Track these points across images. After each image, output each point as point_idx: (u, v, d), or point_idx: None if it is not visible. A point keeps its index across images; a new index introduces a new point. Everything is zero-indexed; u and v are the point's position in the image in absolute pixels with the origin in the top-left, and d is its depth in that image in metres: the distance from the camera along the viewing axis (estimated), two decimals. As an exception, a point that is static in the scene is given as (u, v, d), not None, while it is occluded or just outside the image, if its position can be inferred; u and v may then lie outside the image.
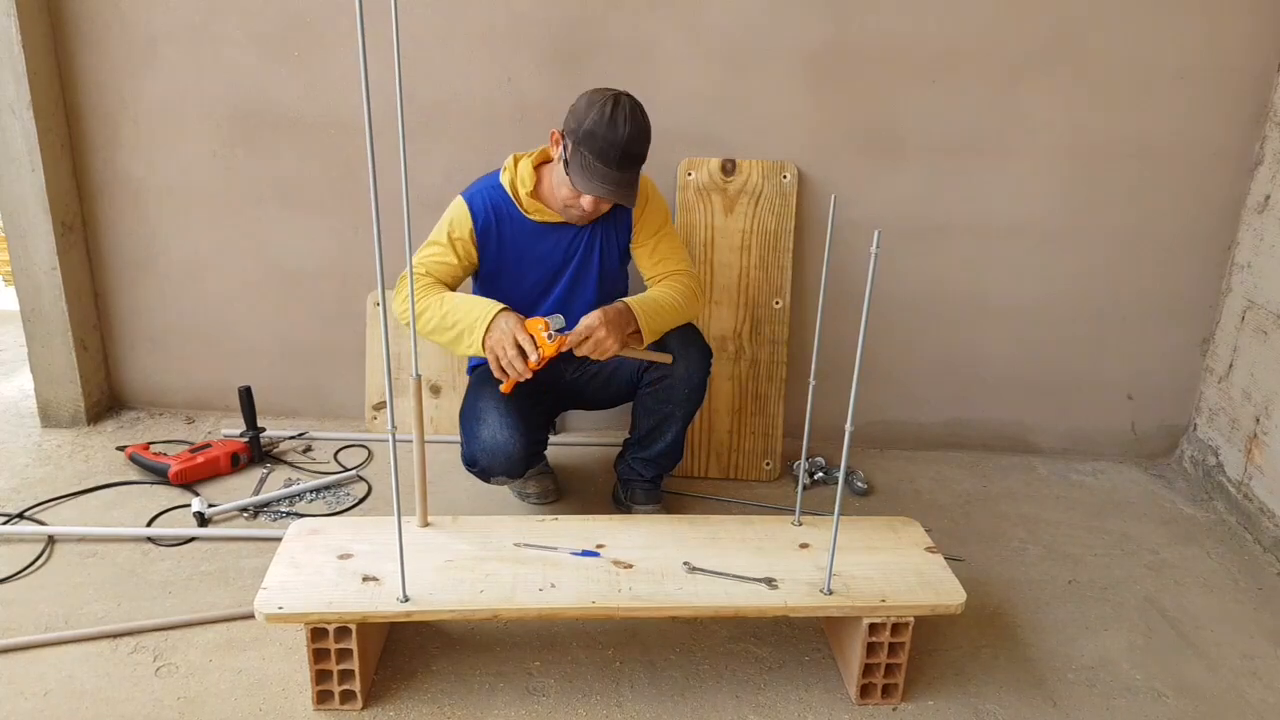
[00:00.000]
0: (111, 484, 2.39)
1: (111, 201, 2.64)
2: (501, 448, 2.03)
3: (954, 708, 1.73)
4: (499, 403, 2.07)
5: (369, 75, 1.31)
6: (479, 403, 2.11)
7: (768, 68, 2.48)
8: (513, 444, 2.03)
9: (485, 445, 2.04)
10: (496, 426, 2.04)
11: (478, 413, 2.09)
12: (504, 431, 2.04)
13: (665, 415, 2.16)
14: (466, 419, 2.14)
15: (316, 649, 1.59)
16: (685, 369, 2.10)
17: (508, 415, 2.06)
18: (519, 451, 2.05)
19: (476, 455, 2.07)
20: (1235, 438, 2.57)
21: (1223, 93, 2.49)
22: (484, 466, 2.08)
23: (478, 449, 2.06)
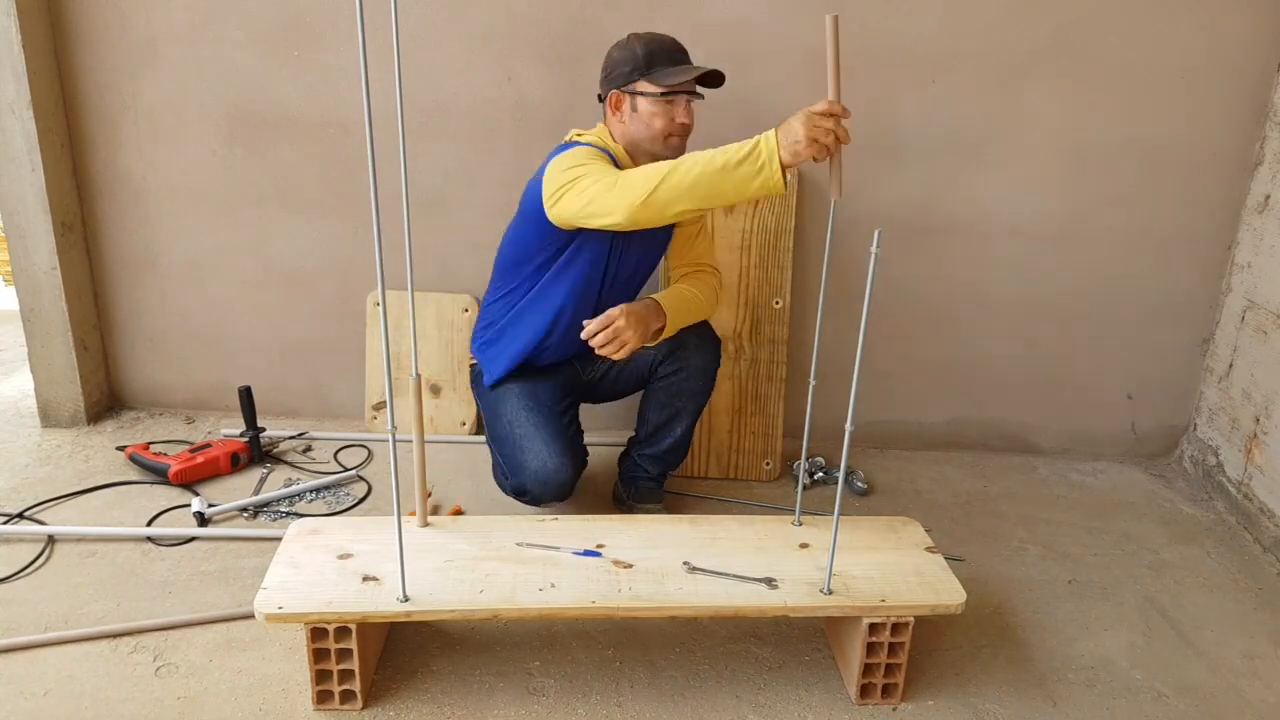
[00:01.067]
0: (111, 484, 2.39)
1: (111, 201, 2.64)
2: (554, 476, 1.99)
3: (954, 708, 1.73)
4: (539, 428, 2.03)
5: (369, 75, 1.31)
6: (516, 430, 2.05)
7: (767, 67, 2.48)
8: (565, 471, 2.00)
9: (537, 475, 2.00)
10: (545, 455, 2.00)
11: (517, 442, 2.04)
12: (554, 459, 1.99)
13: (677, 410, 2.16)
14: (505, 447, 2.08)
15: (316, 649, 1.59)
16: (700, 360, 2.11)
17: (554, 441, 2.01)
18: (571, 477, 2.02)
19: (527, 486, 2.02)
20: (1235, 438, 2.57)
21: (1223, 93, 2.49)
22: (535, 495, 2.03)
23: (528, 480, 2.01)
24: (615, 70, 1.98)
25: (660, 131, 1.97)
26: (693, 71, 1.96)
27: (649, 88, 1.94)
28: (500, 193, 2.60)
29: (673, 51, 1.98)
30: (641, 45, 1.96)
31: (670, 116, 1.96)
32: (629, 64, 1.96)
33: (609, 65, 2.01)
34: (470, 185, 2.60)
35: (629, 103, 1.98)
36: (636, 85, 1.96)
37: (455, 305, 2.68)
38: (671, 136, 1.98)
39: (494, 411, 2.14)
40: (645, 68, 1.94)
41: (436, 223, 2.60)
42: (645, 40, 1.97)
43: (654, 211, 1.72)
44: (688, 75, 1.95)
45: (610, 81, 2.00)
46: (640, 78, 1.95)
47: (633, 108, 1.97)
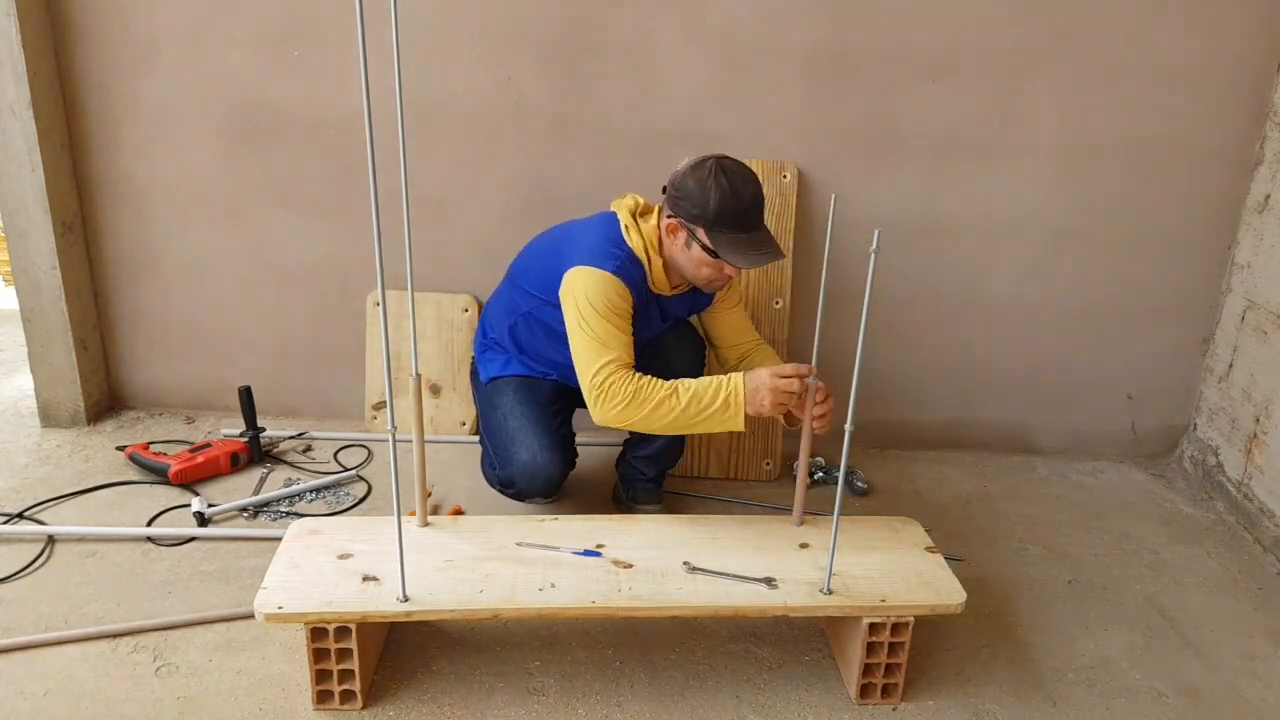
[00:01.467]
0: (111, 484, 2.39)
1: (112, 201, 2.64)
2: (542, 470, 2.02)
3: (954, 708, 1.73)
4: (533, 422, 2.05)
5: (369, 75, 1.31)
6: (509, 422, 2.07)
7: (768, 67, 2.48)
8: (553, 466, 2.02)
9: (525, 468, 2.02)
10: (535, 449, 2.02)
11: (510, 434, 2.06)
12: (544, 454, 2.02)
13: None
14: (497, 438, 2.10)
15: (316, 649, 1.59)
16: (681, 363, 2.11)
17: (545, 436, 2.04)
18: (559, 474, 2.05)
19: (514, 478, 2.05)
20: (1235, 438, 2.57)
21: (1223, 93, 2.49)
22: (521, 489, 2.06)
23: (516, 472, 2.04)
24: (684, 202, 1.87)
25: (704, 278, 1.95)
26: (755, 258, 1.87)
27: (707, 243, 1.87)
28: (500, 193, 2.60)
29: (745, 214, 1.86)
30: (716, 195, 1.82)
31: (720, 270, 1.92)
32: (698, 210, 1.84)
33: (679, 190, 1.87)
34: (470, 185, 2.60)
35: (684, 237, 1.90)
36: (697, 231, 1.87)
37: (455, 305, 2.68)
38: (714, 283, 1.97)
39: (490, 403, 2.16)
40: (711, 224, 1.84)
41: (436, 223, 2.60)
42: (722, 190, 1.83)
43: (625, 426, 1.85)
44: (747, 262, 1.87)
45: (675, 207, 1.89)
46: (703, 227, 1.86)
47: (686, 244, 1.91)
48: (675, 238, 1.92)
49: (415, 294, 2.61)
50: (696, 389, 1.79)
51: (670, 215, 1.91)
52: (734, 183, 1.84)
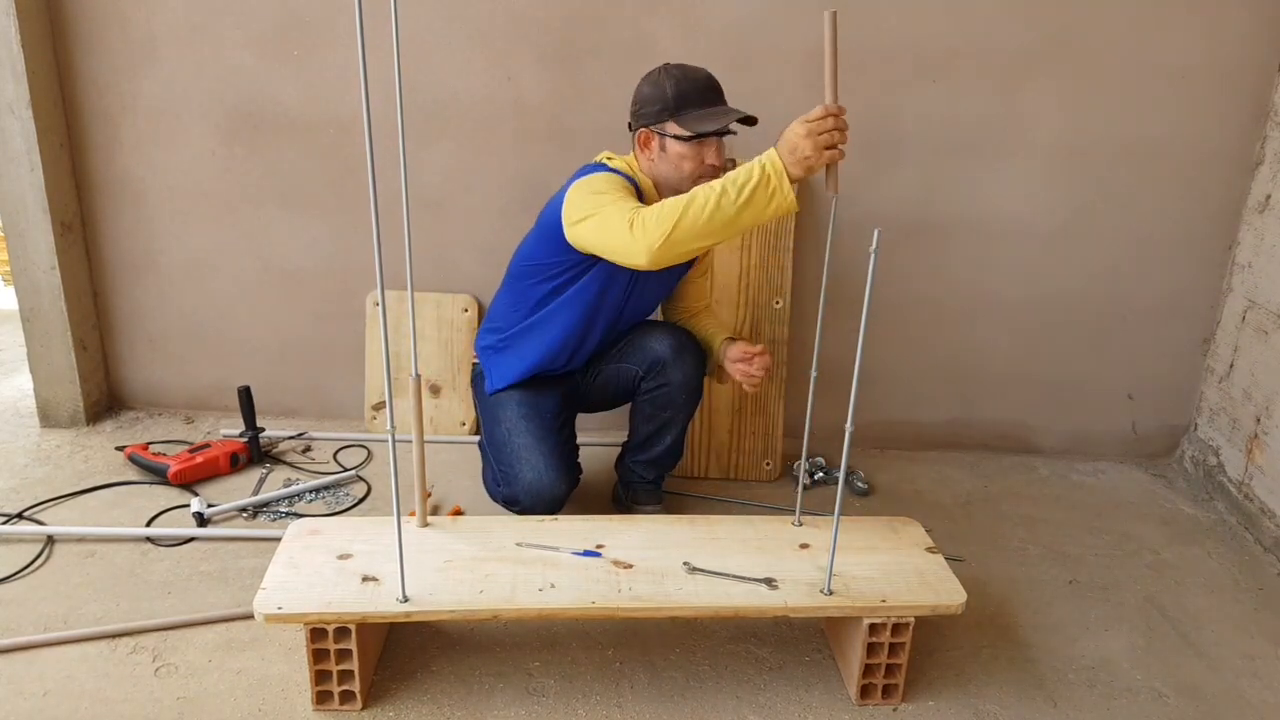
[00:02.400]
0: (111, 484, 2.39)
1: (111, 201, 2.64)
2: (547, 491, 2.00)
3: (954, 708, 1.73)
4: (539, 440, 2.03)
5: (368, 75, 1.31)
6: (515, 439, 2.05)
7: (767, 67, 2.48)
8: (559, 488, 2.01)
9: (530, 488, 2.00)
10: (542, 468, 2.00)
11: (515, 451, 2.04)
12: (550, 474, 2.00)
13: (665, 421, 2.17)
14: (502, 455, 2.07)
15: (316, 649, 1.58)
16: (682, 374, 2.10)
17: (551, 455, 2.02)
18: (564, 493, 2.03)
19: (519, 497, 2.02)
20: (1236, 438, 2.57)
21: (1223, 93, 2.49)
22: (526, 507, 2.03)
23: (521, 492, 2.01)
24: (644, 108, 1.91)
25: (689, 174, 1.93)
26: (723, 119, 1.89)
27: (678, 130, 1.89)
28: (500, 193, 2.60)
29: (704, 91, 1.90)
30: (672, 84, 1.88)
31: (700, 159, 1.92)
32: (658, 103, 1.88)
33: (638, 101, 1.94)
34: (470, 185, 2.60)
35: (658, 142, 1.92)
36: (666, 126, 1.89)
37: (455, 305, 2.68)
38: (701, 177, 1.94)
39: (493, 416, 2.13)
40: (675, 109, 1.87)
41: (436, 223, 2.60)
42: (675, 79, 1.89)
43: (674, 251, 1.70)
44: (719, 123, 1.89)
45: (639, 118, 1.94)
46: (669, 119, 1.89)
47: (661, 148, 1.92)
48: (649, 149, 1.95)
49: (415, 294, 2.61)
50: (726, 178, 1.67)
51: (639, 129, 1.94)
52: (685, 70, 1.92)
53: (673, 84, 1.89)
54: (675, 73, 1.90)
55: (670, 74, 1.90)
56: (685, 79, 1.90)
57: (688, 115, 1.89)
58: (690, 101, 1.89)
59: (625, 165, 1.99)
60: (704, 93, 1.91)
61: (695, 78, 1.91)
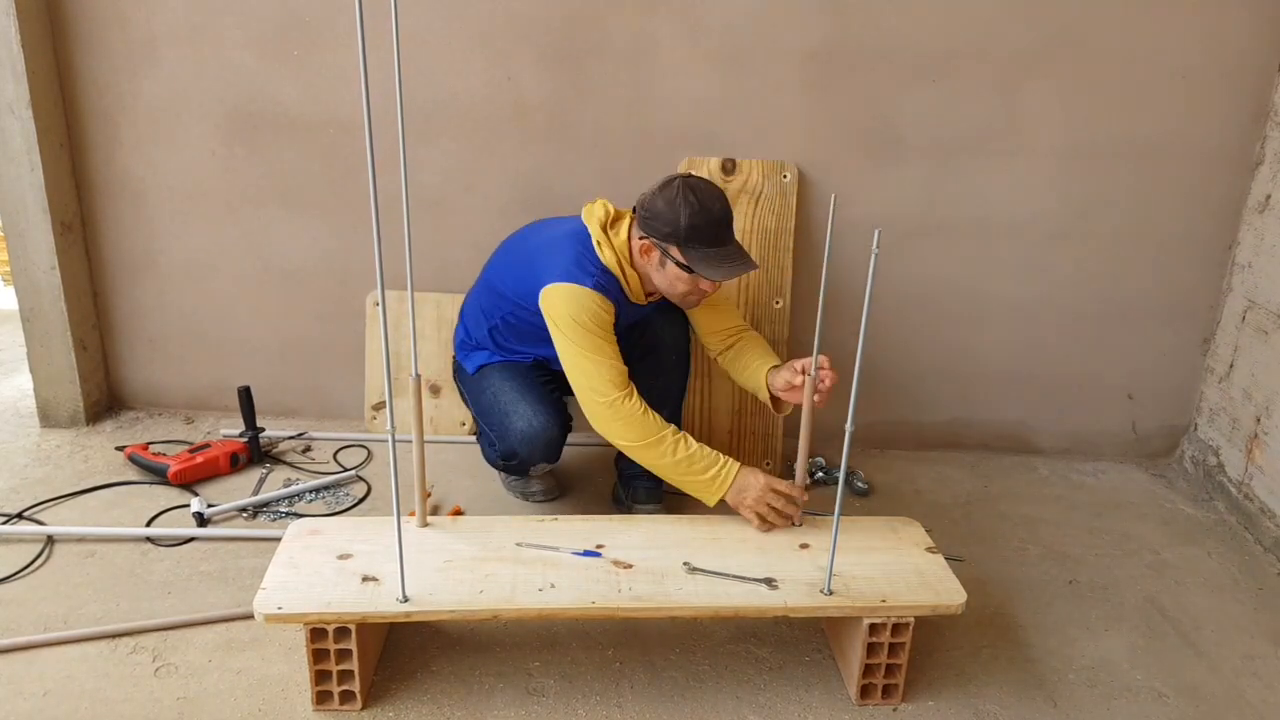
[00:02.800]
0: (111, 484, 2.39)
1: (111, 201, 2.64)
2: (541, 433, 2.06)
3: (954, 708, 1.73)
4: (523, 392, 2.11)
5: (368, 75, 1.31)
6: (501, 398, 2.12)
7: (767, 67, 2.48)
8: (551, 428, 2.08)
9: (524, 434, 2.06)
10: (531, 415, 2.07)
11: (503, 408, 2.11)
12: (539, 418, 2.07)
13: (660, 390, 2.14)
14: (491, 417, 2.15)
15: (316, 649, 1.58)
16: (671, 336, 2.15)
17: (538, 402, 2.09)
18: (558, 434, 2.10)
19: (515, 447, 2.09)
20: (1236, 438, 2.57)
21: (1223, 93, 2.49)
22: (524, 456, 2.10)
23: (516, 441, 2.08)
24: (654, 221, 1.90)
25: (680, 293, 1.97)
26: (729, 270, 1.90)
27: (682, 260, 1.90)
28: (500, 193, 2.60)
29: (716, 227, 1.89)
30: (686, 214, 1.86)
31: (695, 286, 1.94)
32: (669, 226, 1.87)
33: (650, 211, 1.90)
34: (470, 185, 2.60)
35: (659, 256, 1.93)
36: (670, 249, 1.90)
37: (455, 305, 2.67)
38: (690, 296, 1.99)
39: (478, 388, 2.20)
40: (684, 240, 1.87)
41: (436, 223, 2.60)
42: (691, 209, 1.86)
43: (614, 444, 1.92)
44: (722, 274, 1.90)
45: (647, 228, 1.92)
46: (675, 245, 1.89)
47: (660, 263, 1.93)
48: (649, 258, 1.96)
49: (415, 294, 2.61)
50: (696, 452, 1.88)
51: (642, 236, 1.94)
52: (703, 199, 1.88)
53: (687, 214, 1.86)
54: (692, 201, 1.86)
55: (688, 201, 1.86)
56: (700, 211, 1.86)
57: (696, 251, 1.89)
58: (701, 237, 1.88)
59: (614, 258, 1.96)
60: (716, 229, 1.90)
61: (710, 211, 1.88)
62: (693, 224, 1.86)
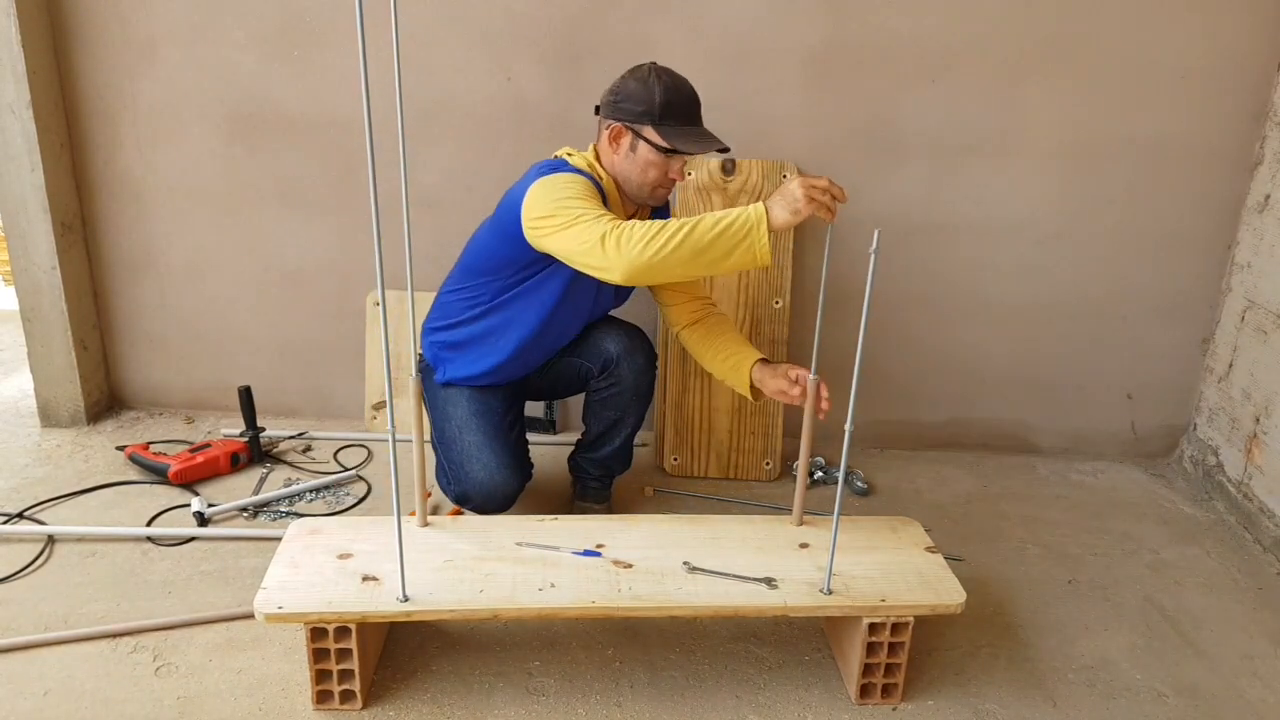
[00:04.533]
0: (111, 484, 2.39)
1: (111, 201, 2.64)
2: (500, 489, 2.02)
3: (954, 708, 1.73)
4: (489, 438, 2.04)
5: (368, 75, 1.31)
6: (465, 436, 2.05)
7: (767, 67, 2.48)
8: (510, 484, 2.03)
9: (482, 487, 2.02)
10: (493, 466, 2.01)
11: (465, 449, 2.04)
12: (501, 472, 2.01)
13: (615, 420, 2.20)
14: (453, 453, 2.07)
15: (316, 649, 1.58)
16: (632, 375, 2.12)
17: (503, 453, 2.03)
18: (516, 491, 2.05)
19: (471, 495, 2.04)
20: (1235, 437, 2.57)
21: (1223, 93, 2.49)
22: (477, 505, 2.05)
23: (473, 489, 2.03)
24: (626, 103, 1.87)
25: (650, 181, 1.92)
26: (703, 143, 1.88)
27: (655, 138, 1.86)
28: (500, 193, 2.58)
29: (689, 105, 1.89)
30: (660, 91, 1.84)
31: (665, 170, 1.91)
32: (642, 105, 1.85)
33: (621, 93, 1.89)
34: (470, 185, 2.60)
35: (629, 140, 1.90)
36: (644, 130, 1.87)
37: (455, 305, 2.68)
38: (659, 188, 1.94)
39: (443, 412, 2.12)
40: (658, 117, 1.85)
41: (436, 222, 2.60)
42: (666, 86, 1.85)
43: (651, 274, 1.66)
44: (698, 147, 1.87)
45: (617, 111, 1.89)
46: (650, 124, 1.86)
47: (631, 148, 1.90)
48: (619, 145, 1.91)
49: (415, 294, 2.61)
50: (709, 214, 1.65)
51: (612, 121, 1.90)
52: (675, 79, 1.89)
53: (662, 91, 1.85)
54: (665, 79, 1.87)
55: (661, 79, 1.86)
56: (674, 89, 1.87)
57: (669, 127, 1.87)
58: (675, 114, 1.87)
59: (586, 164, 1.94)
60: (688, 107, 1.89)
61: (683, 90, 1.88)
62: (667, 100, 1.84)
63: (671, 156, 1.90)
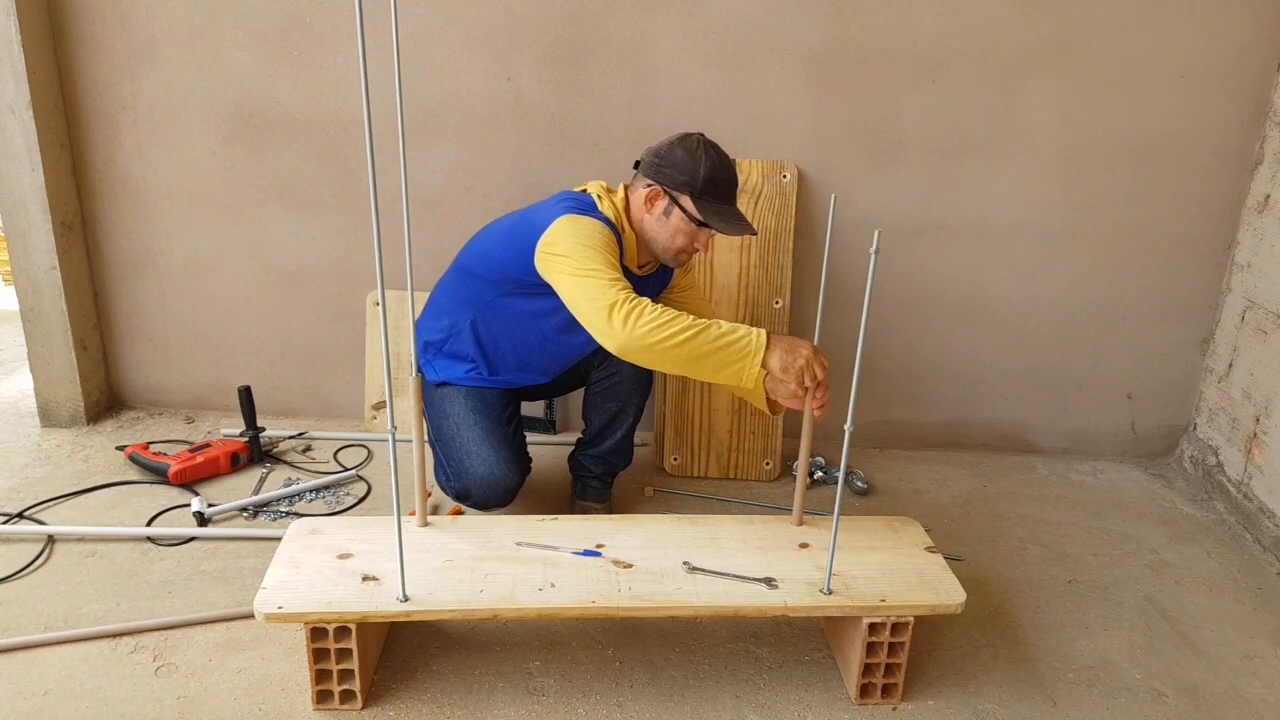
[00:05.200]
0: (111, 484, 2.39)
1: (111, 201, 2.64)
2: (500, 483, 2.03)
3: (954, 708, 1.73)
4: (488, 433, 2.05)
5: (369, 75, 1.31)
6: (463, 433, 2.06)
7: (767, 67, 2.48)
8: (510, 479, 2.04)
9: (482, 482, 2.03)
10: (493, 461, 2.03)
11: (464, 445, 2.05)
12: (501, 467, 2.03)
13: (615, 412, 2.21)
14: (451, 450, 2.08)
15: (316, 649, 1.59)
16: (631, 364, 2.10)
17: (502, 448, 2.04)
18: (516, 485, 2.06)
19: (471, 491, 2.05)
20: (1235, 437, 2.57)
21: (1223, 93, 2.49)
22: (479, 501, 2.06)
23: (472, 485, 2.04)
24: (670, 169, 1.90)
25: (677, 247, 1.95)
26: (737, 227, 1.90)
27: (692, 209, 1.89)
28: (500, 192, 2.60)
29: (729, 187, 1.93)
30: (707, 166, 1.87)
31: (693, 240, 1.94)
32: (686, 175, 1.88)
33: (668, 160, 1.91)
34: (470, 185, 2.60)
35: (665, 205, 1.91)
36: (682, 199, 1.89)
37: (455, 305, 2.68)
38: (683, 254, 1.97)
39: (440, 410, 2.12)
40: (699, 191, 1.88)
41: (436, 222, 2.60)
42: (712, 163, 1.88)
43: (645, 358, 1.72)
44: (731, 229, 1.89)
45: (660, 175, 1.91)
46: (689, 195, 1.88)
47: (665, 212, 1.92)
48: (654, 206, 1.93)
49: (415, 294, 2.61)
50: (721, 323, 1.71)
51: (651, 184, 1.92)
52: (721, 157, 1.92)
53: (708, 167, 1.87)
54: (713, 156, 1.89)
55: (709, 154, 1.89)
56: (719, 166, 1.89)
57: (709, 204, 1.89)
58: (715, 191, 1.89)
59: (614, 212, 1.94)
60: (728, 188, 1.92)
61: (727, 169, 1.91)
62: (711, 177, 1.88)
63: (700, 229, 1.92)
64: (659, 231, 1.95)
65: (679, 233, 1.93)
